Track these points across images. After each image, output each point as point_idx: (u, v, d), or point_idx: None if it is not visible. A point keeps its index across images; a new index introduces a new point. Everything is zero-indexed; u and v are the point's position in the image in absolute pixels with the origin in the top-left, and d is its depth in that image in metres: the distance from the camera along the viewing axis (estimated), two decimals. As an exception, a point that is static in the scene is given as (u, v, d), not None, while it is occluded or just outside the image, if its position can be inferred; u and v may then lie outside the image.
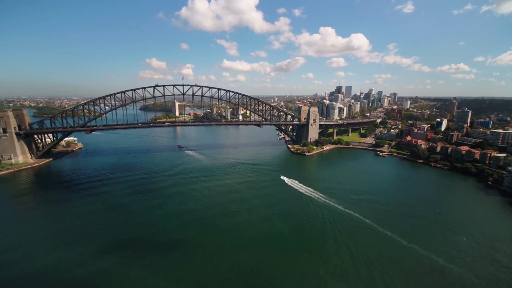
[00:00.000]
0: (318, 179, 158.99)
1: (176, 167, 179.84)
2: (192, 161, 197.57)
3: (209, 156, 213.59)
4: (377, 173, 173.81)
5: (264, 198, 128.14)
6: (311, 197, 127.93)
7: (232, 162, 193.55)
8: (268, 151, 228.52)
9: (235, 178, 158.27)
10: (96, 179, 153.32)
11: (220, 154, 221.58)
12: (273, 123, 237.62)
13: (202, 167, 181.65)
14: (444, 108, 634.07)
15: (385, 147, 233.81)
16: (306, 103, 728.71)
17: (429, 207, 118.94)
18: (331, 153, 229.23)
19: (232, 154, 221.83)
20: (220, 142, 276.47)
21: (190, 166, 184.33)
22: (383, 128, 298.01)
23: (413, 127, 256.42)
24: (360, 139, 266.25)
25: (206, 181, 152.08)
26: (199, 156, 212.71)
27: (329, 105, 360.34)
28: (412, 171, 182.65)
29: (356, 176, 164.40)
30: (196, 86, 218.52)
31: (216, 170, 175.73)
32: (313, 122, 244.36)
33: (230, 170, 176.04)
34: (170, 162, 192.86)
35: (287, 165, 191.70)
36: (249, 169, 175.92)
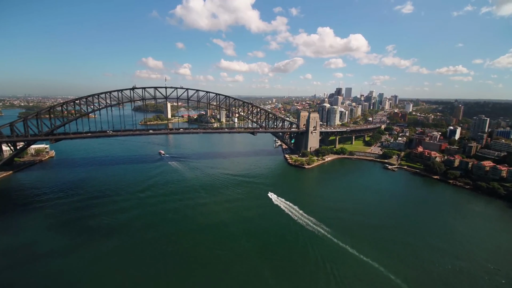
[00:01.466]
0: (317, 202, 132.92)
1: (149, 180, 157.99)
2: (169, 173, 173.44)
3: (192, 166, 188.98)
4: (387, 193, 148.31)
5: (248, 223, 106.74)
6: (303, 226, 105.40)
7: (218, 175, 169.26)
8: (262, 162, 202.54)
9: (215, 195, 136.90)
10: (48, 199, 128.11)
11: (206, 164, 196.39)
12: (269, 131, 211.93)
13: (179, 182, 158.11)
14: (448, 112, 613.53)
15: (393, 159, 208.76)
16: (304, 105, 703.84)
17: (474, 255, 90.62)
18: (334, 165, 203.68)
19: (220, 165, 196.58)
20: (209, 150, 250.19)
21: (165, 179, 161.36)
22: (389, 135, 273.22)
23: (424, 136, 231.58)
24: (365, 148, 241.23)
25: (176, 201, 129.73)
26: (181, 167, 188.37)
27: (330, 109, 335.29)
28: (428, 190, 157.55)
29: (363, 197, 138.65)
30: (181, 88, 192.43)
31: (196, 185, 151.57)
32: (313, 130, 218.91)
33: (213, 185, 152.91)
34: (144, 174, 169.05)
35: (283, 181, 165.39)
36: (237, 185, 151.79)
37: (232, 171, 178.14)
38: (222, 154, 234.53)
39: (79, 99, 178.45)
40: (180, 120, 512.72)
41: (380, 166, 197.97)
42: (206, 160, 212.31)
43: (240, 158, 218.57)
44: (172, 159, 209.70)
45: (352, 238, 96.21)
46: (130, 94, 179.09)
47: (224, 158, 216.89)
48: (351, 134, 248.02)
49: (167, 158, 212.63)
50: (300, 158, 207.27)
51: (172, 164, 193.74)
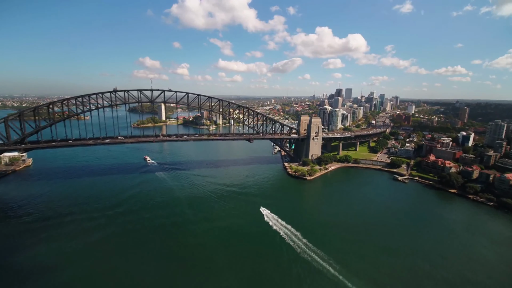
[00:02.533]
0: (320, 226, 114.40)
1: (128, 192, 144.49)
2: (152, 184, 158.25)
3: (179, 176, 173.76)
4: (400, 210, 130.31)
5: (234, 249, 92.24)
6: (298, 255, 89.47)
7: (207, 186, 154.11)
8: (259, 172, 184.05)
9: (200, 212, 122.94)
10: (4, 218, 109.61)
11: (196, 173, 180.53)
12: (266, 138, 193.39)
13: (161, 194, 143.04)
14: (452, 114, 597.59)
15: (403, 168, 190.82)
16: (304, 106, 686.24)
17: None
18: (338, 175, 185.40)
19: (211, 174, 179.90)
20: (200, 156, 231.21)
21: (146, 191, 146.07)
22: (396, 141, 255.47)
23: (435, 142, 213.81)
24: (370, 155, 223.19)
25: (150, 219, 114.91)
26: (166, 176, 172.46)
27: (332, 112, 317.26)
28: (445, 206, 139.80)
29: (372, 217, 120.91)
30: (169, 91, 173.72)
31: (180, 199, 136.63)
32: (315, 136, 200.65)
33: (201, 198, 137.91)
34: (123, 185, 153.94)
35: (281, 196, 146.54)
36: (227, 199, 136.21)
37: (224, 182, 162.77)
38: (215, 161, 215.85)
39: (67, 99, 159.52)
40: (175, 122, 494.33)
41: (389, 177, 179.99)
42: (196, 168, 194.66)
43: (234, 166, 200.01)
44: (158, 166, 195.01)
45: (366, 277, 78.28)
46: (110, 97, 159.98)
47: (216, 167, 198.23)
48: (355, 140, 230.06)
49: (152, 165, 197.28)
50: (301, 167, 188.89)
51: (158, 173, 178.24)
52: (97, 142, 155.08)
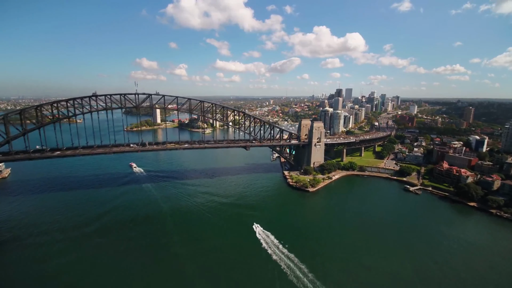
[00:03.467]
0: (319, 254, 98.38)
1: (110, 203, 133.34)
2: (135, 196, 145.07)
3: (166, 187, 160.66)
4: (416, 230, 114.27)
5: None
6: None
7: (197, 199, 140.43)
8: (256, 182, 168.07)
9: (185, 231, 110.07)
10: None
11: (186, 183, 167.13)
12: (264, 145, 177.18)
13: (142, 208, 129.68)
14: (455, 114, 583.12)
15: (413, 177, 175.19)
16: (303, 107, 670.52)
17: None
18: (342, 185, 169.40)
19: (203, 184, 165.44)
20: (193, 163, 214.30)
21: (125, 206, 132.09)
22: (402, 145, 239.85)
23: (446, 148, 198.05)
24: (376, 161, 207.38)
25: (131, 239, 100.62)
26: (152, 186, 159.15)
27: (334, 114, 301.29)
28: (467, 224, 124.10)
29: (382, 239, 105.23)
30: (157, 94, 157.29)
31: (164, 215, 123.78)
32: (317, 142, 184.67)
33: (188, 213, 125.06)
34: (106, 197, 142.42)
35: (280, 212, 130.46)
36: (218, 216, 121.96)
37: (217, 193, 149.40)
38: (208, 169, 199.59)
39: (57, 102, 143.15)
40: (170, 125, 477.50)
41: (399, 187, 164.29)
42: (187, 176, 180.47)
43: (230, 175, 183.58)
44: (144, 174, 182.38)
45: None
46: (90, 102, 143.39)
47: (210, 175, 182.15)
48: (360, 145, 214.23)
49: (138, 173, 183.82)
50: (302, 177, 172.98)
51: (143, 182, 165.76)
52: (76, 153, 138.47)
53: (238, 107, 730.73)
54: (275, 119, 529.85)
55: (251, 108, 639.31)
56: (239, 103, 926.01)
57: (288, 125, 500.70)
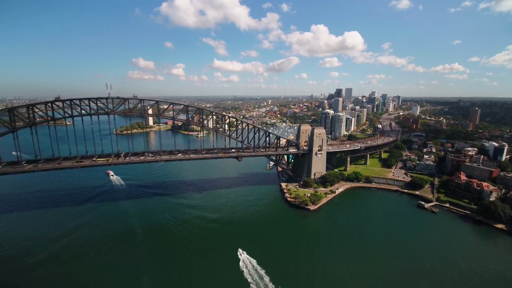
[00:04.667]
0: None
1: (75, 221, 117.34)
2: (107, 210, 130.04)
3: (146, 201, 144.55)
4: (437, 260, 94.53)
5: None
6: None
7: (179, 218, 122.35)
8: (249, 196, 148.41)
9: (160, 260, 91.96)
10: None
11: (168, 197, 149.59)
12: (259, 154, 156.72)
13: (114, 229, 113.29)
14: (458, 114, 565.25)
15: (426, 189, 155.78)
16: (302, 107, 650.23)
17: None
18: (347, 200, 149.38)
19: (188, 198, 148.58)
20: (179, 171, 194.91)
21: (97, 222, 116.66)
22: (410, 151, 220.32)
23: (461, 156, 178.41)
24: (383, 170, 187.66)
25: (90, 273, 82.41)
26: (129, 198, 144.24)
27: (335, 117, 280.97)
28: (499, 253, 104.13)
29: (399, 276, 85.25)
30: (135, 98, 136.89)
31: (135, 238, 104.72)
32: (318, 150, 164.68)
33: (165, 236, 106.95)
34: (71, 213, 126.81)
35: (273, 237, 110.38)
36: (202, 241, 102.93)
37: (203, 210, 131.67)
38: (196, 179, 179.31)
39: (32, 105, 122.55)
40: (163, 127, 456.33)
41: (411, 202, 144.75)
42: (170, 188, 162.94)
43: (220, 188, 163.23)
44: (121, 184, 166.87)
45: None
46: (52, 107, 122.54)
47: (197, 188, 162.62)
48: (365, 152, 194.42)
49: (115, 183, 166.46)
50: (302, 190, 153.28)
51: (118, 195, 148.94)
52: (37, 168, 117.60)
53: (235, 107, 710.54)
54: (273, 121, 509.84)
55: (248, 109, 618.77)
56: (237, 103, 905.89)
57: (286, 126, 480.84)
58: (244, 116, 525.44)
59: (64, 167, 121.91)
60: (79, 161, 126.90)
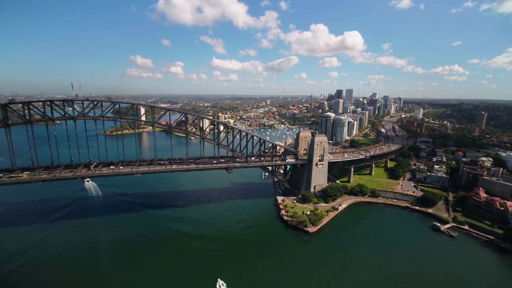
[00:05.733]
0: None
1: (29, 239, 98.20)
2: (75, 223, 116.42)
3: (121, 215, 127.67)
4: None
5: None
6: None
7: (156, 236, 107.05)
8: (240, 212, 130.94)
9: None
10: None
11: (148, 209, 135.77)
12: (252, 165, 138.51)
13: (79, 247, 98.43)
14: (461, 117, 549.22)
15: (440, 206, 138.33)
16: (301, 108, 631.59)
17: None
18: (351, 219, 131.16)
19: (170, 212, 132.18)
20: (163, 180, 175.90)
21: (61, 236, 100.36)
22: (418, 159, 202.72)
23: (478, 168, 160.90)
24: (390, 182, 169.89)
25: None
26: (101, 209, 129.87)
27: (336, 120, 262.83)
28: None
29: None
30: (108, 101, 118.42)
31: (101, 264, 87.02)
32: (319, 160, 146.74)
33: (135, 265, 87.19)
34: (32, 227, 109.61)
35: (260, 269, 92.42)
36: (179, 270, 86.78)
37: (184, 228, 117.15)
38: (182, 190, 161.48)
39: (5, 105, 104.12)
40: (158, 128, 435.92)
41: (424, 222, 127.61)
42: (151, 199, 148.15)
43: (207, 200, 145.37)
44: (96, 192, 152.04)
45: None
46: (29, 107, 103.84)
47: (181, 200, 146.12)
48: (370, 161, 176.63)
49: (89, 190, 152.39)
50: (300, 205, 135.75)
51: (91, 205, 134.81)
52: None
53: (233, 107, 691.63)
54: (271, 122, 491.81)
55: (246, 110, 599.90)
56: (235, 103, 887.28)
57: (285, 128, 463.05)
58: (242, 117, 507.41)
59: (21, 181, 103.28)
60: (40, 172, 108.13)
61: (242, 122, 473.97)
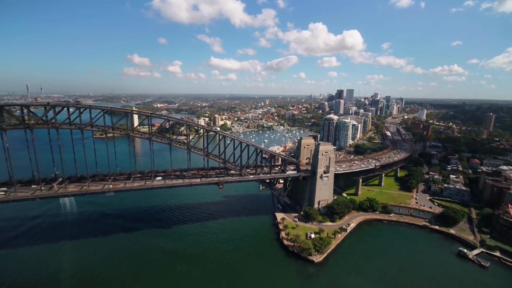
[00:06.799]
0: None
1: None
2: (34, 240, 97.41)
3: (88, 230, 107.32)
4: None
5: None
6: None
7: (130, 263, 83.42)
8: (232, 233, 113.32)
9: None
10: None
11: (126, 224, 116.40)
12: (247, 179, 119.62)
13: (31, 269, 75.33)
14: (466, 118, 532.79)
15: (463, 226, 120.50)
16: (301, 109, 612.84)
17: None
18: (362, 242, 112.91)
19: (148, 229, 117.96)
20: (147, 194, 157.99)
21: (16, 253, 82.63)
22: (430, 168, 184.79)
23: (502, 180, 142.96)
24: (403, 195, 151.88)
25: None
26: (70, 224, 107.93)
27: (340, 124, 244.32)
28: None
29: None
30: (75, 105, 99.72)
31: None
32: (324, 172, 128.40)
33: None
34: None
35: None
36: None
37: (164, 251, 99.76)
38: (169, 204, 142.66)
39: None
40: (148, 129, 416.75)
41: (445, 244, 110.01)
42: (130, 212, 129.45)
43: (194, 219, 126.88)
44: (71, 208, 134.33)
45: None
46: None
47: (164, 216, 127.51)
48: (380, 171, 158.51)
49: (63, 205, 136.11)
50: (302, 225, 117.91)
51: (57, 218, 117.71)
52: None
53: (231, 108, 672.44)
54: (269, 124, 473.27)
55: (243, 111, 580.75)
56: (233, 103, 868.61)
57: (284, 130, 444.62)
58: (239, 118, 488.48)
59: None
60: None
61: (240, 124, 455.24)
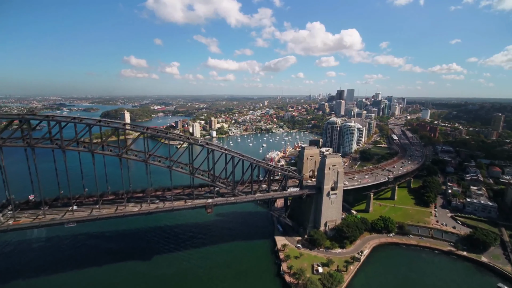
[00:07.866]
0: None
1: None
2: None
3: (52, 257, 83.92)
4: None
5: None
6: None
7: None
8: (223, 265, 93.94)
9: None
10: None
11: (103, 248, 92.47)
12: (239, 200, 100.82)
13: None
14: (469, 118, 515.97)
15: (496, 250, 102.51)
16: (301, 110, 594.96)
17: None
18: (379, 274, 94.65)
19: (124, 260, 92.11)
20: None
21: None
22: (450, 180, 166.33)
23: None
24: (420, 211, 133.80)
25: None
26: (37, 248, 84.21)
27: (344, 128, 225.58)
28: None
29: None
30: (33, 118, 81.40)
31: None
32: (332, 188, 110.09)
33: None
34: None
35: None
36: None
37: None
38: (151, 226, 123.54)
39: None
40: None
41: (478, 276, 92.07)
42: (104, 243, 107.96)
43: (180, 245, 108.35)
44: (39, 234, 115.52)
45: None
46: None
47: (148, 242, 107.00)
48: (393, 183, 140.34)
49: (31, 231, 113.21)
50: (307, 252, 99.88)
51: (20, 258, 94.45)
52: None
53: (229, 109, 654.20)
54: (268, 126, 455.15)
55: (241, 112, 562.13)
56: (231, 104, 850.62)
57: (283, 133, 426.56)
58: (237, 121, 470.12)
59: None
60: None
61: (237, 127, 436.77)
